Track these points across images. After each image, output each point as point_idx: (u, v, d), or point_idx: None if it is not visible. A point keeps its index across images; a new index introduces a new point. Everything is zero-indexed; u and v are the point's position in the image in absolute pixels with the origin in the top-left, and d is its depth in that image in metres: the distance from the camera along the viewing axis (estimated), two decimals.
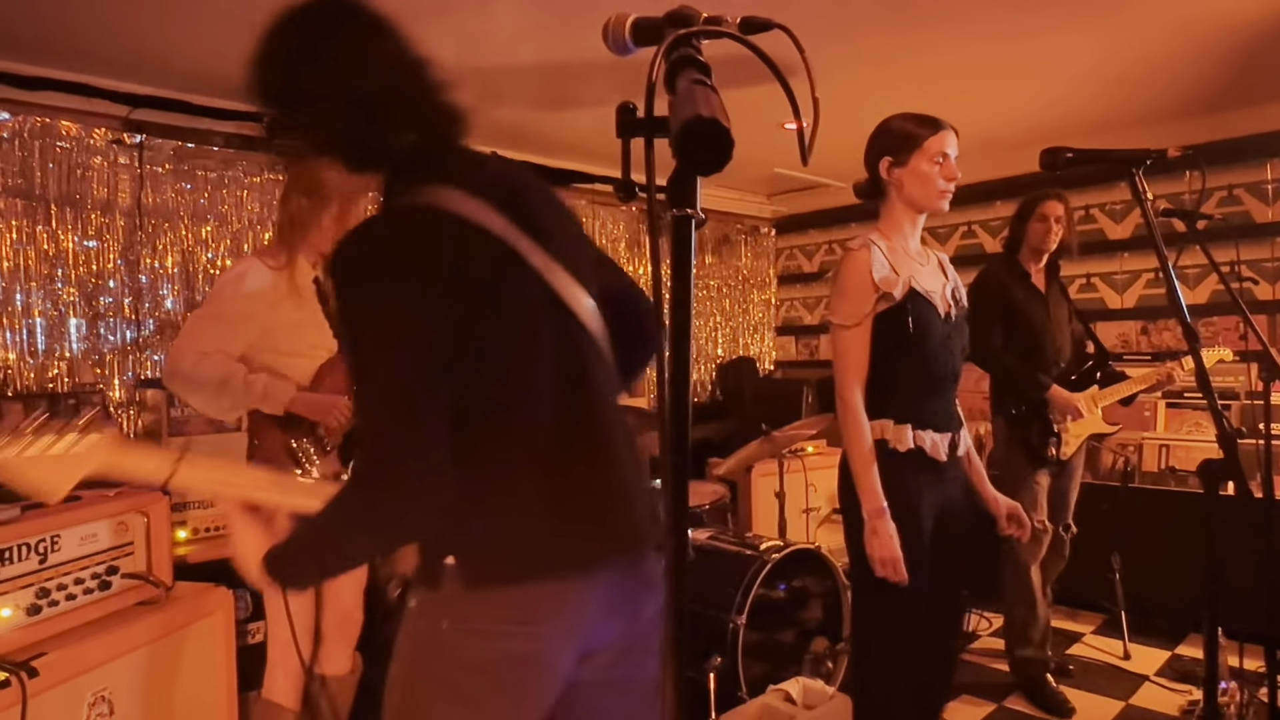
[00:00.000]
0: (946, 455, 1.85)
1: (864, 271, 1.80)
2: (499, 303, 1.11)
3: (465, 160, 1.22)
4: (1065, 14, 2.96)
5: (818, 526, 4.14)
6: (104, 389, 3.51)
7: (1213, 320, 4.33)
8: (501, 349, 1.12)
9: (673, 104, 0.63)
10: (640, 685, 1.24)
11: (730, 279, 6.35)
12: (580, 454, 1.18)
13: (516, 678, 1.12)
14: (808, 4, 2.83)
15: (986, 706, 3.01)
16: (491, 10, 2.83)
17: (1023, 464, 3.01)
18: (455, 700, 1.12)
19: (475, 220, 1.11)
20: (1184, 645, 3.55)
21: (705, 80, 0.64)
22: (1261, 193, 4.21)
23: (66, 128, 3.45)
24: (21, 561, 1.79)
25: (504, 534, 1.11)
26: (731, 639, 2.68)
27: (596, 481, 1.19)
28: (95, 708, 1.86)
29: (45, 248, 3.42)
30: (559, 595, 1.12)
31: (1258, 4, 2.88)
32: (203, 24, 2.89)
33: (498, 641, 1.10)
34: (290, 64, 1.12)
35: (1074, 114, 4.17)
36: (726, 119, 0.58)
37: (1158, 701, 3.02)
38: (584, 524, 1.16)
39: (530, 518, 1.12)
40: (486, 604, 1.10)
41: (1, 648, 1.72)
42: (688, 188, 0.60)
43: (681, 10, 0.72)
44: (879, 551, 1.74)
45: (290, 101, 1.14)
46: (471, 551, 1.10)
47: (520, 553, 1.11)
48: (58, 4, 2.73)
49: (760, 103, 2.14)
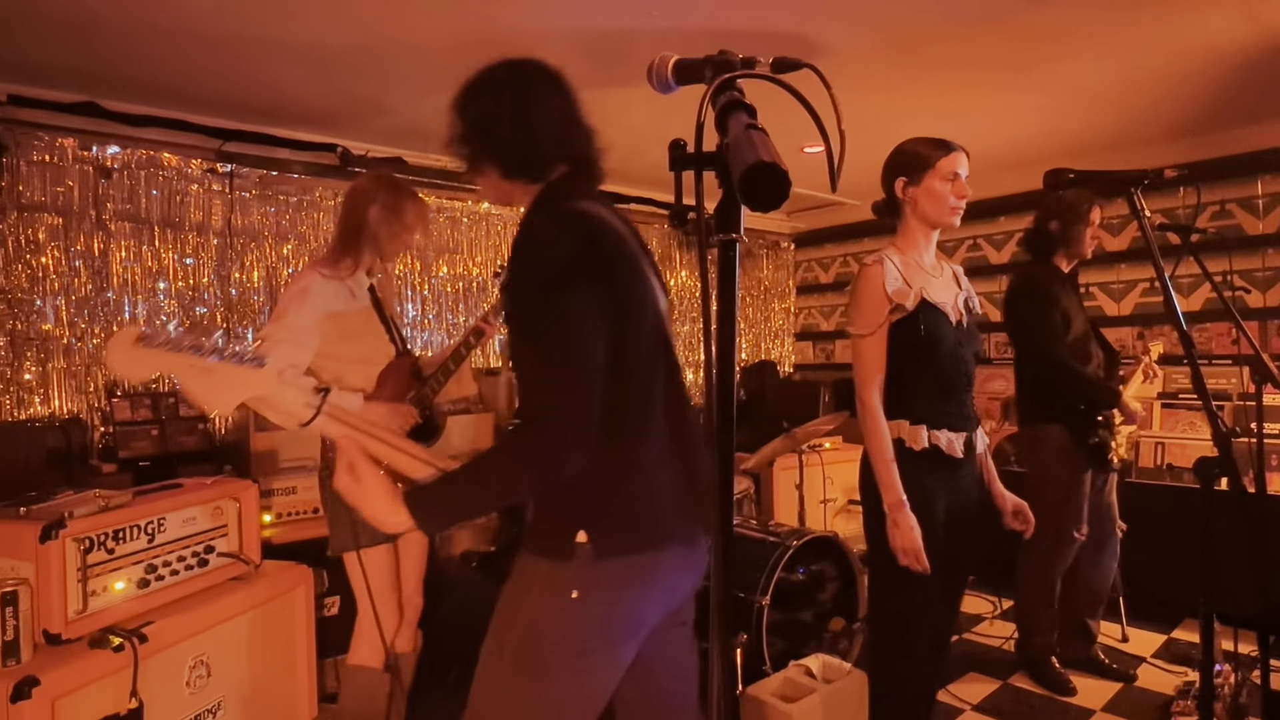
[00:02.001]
0: (963, 453, 1.82)
1: (878, 285, 1.79)
2: (634, 303, 1.22)
3: (599, 192, 1.36)
4: (1065, 45, 2.91)
5: (834, 516, 4.10)
6: None
7: (1206, 326, 4.22)
8: (635, 344, 1.21)
9: (730, 147, 0.64)
10: (689, 629, 1.39)
11: (753, 289, 6.33)
12: (680, 441, 1.27)
13: (621, 632, 1.22)
14: (830, 43, 2.82)
15: (993, 684, 2.96)
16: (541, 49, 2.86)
17: (1079, 469, 2.78)
18: (571, 653, 1.19)
19: (618, 228, 1.25)
20: (1179, 630, 3.46)
21: (756, 124, 0.65)
22: (1253, 207, 4.10)
23: (168, 159, 3.56)
24: (133, 541, 1.85)
25: (631, 511, 1.20)
26: (756, 618, 2.67)
27: (689, 465, 1.28)
28: (195, 670, 1.91)
29: (150, 264, 3.53)
30: (664, 563, 1.23)
31: (1247, 29, 2.81)
32: (283, 68, 2.97)
33: (615, 607, 1.19)
34: (495, 100, 1.29)
35: (1074, 135, 4.09)
36: (782, 162, 0.59)
37: (1155, 682, 2.94)
38: (685, 502, 1.25)
39: (650, 496, 1.21)
40: (610, 574, 1.18)
41: (116, 617, 1.78)
42: (733, 215, 0.61)
43: (721, 55, 0.73)
44: (901, 542, 1.72)
45: (482, 121, 1.29)
46: (603, 526, 1.17)
47: (643, 527, 1.20)
48: (160, 51, 2.82)
49: (781, 127, 2.13)
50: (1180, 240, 2.18)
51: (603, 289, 1.15)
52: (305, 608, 2.29)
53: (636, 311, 1.22)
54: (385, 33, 2.70)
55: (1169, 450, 3.93)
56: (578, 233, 1.18)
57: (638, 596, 1.20)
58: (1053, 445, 2.82)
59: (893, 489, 1.75)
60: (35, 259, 3.25)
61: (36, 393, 3.25)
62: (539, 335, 1.13)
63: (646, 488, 1.21)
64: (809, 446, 3.75)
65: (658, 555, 1.21)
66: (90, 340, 3.38)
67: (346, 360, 2.02)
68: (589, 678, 1.21)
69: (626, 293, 1.21)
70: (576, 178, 1.32)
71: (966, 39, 2.84)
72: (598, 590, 1.18)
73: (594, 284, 1.14)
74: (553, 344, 1.11)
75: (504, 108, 1.27)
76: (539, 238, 1.19)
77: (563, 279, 1.13)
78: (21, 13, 2.49)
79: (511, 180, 1.30)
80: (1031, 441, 2.94)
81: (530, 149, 1.27)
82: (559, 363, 1.11)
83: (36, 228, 3.25)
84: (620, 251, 1.23)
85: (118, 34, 2.66)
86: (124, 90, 3.20)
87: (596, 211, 1.23)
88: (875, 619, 1.91)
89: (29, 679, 1.53)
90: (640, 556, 1.19)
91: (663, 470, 1.23)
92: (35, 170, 3.24)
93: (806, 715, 2.37)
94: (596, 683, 1.23)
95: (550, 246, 1.16)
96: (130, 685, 1.69)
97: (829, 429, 3.74)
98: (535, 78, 1.31)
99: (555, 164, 1.30)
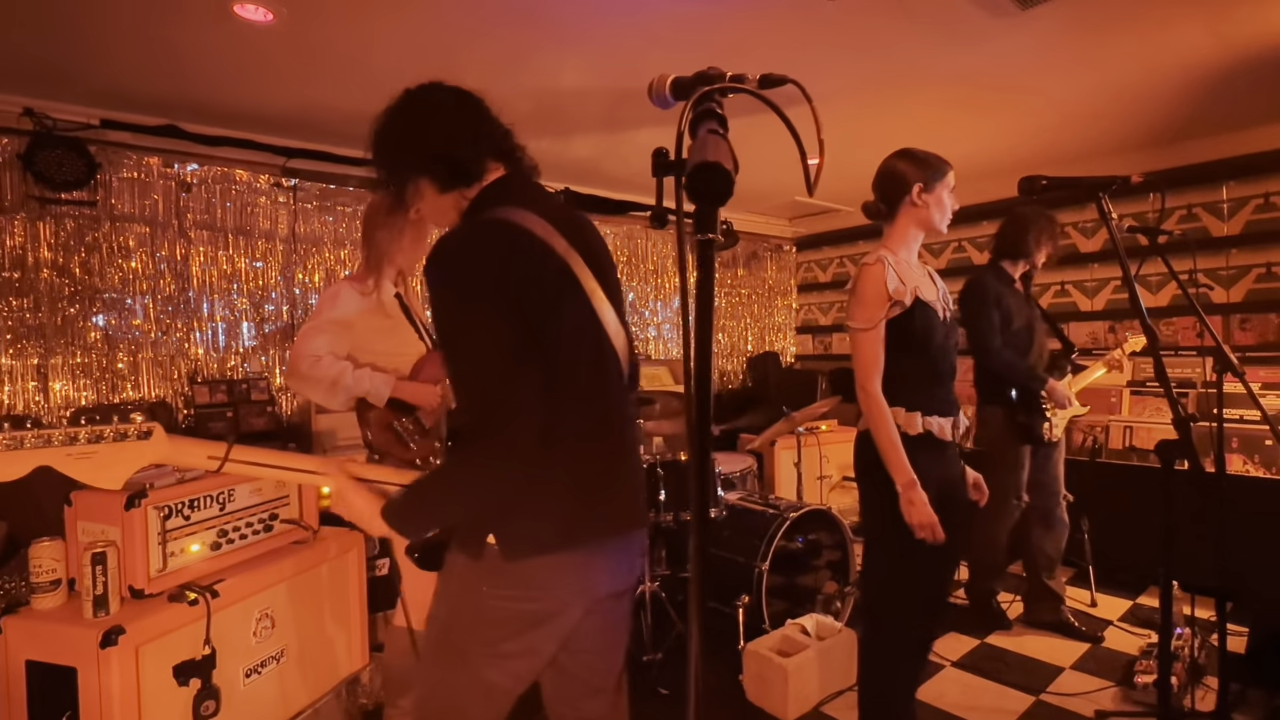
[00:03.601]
0: (950, 435, 1.78)
1: (879, 282, 1.72)
2: (557, 310, 1.10)
3: (538, 192, 1.22)
4: (1042, 65, 2.83)
5: (829, 491, 4.06)
6: (268, 376, 3.66)
7: (1173, 321, 4.10)
8: (556, 351, 1.09)
9: (690, 149, 0.62)
10: (622, 620, 1.29)
11: (758, 288, 6.27)
12: (601, 448, 1.17)
13: (530, 629, 1.15)
14: (824, 67, 2.77)
15: (972, 642, 2.92)
16: (562, 73, 2.85)
17: (1017, 445, 2.88)
18: (482, 643, 1.15)
19: (542, 235, 1.11)
20: (1144, 596, 3.39)
21: (719, 130, 0.62)
22: (1218, 210, 3.96)
23: (239, 174, 3.60)
24: (206, 509, 1.87)
25: (538, 517, 1.10)
26: (757, 582, 2.65)
27: (611, 472, 1.19)
28: (260, 622, 1.93)
29: (224, 268, 3.58)
30: (573, 564, 1.14)
31: (1212, 45, 2.70)
32: (341, 93, 2.98)
33: (520, 604, 1.13)
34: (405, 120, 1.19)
35: (1051, 146, 3.98)
36: (730, 163, 0.56)
37: (1120, 643, 2.88)
38: (600, 507, 1.15)
39: (562, 501, 1.11)
40: (515, 576, 1.11)
41: (192, 575, 1.80)
42: (710, 217, 0.59)
43: (710, 70, 0.71)
44: (917, 518, 1.65)
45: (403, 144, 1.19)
46: (511, 531, 1.10)
47: (549, 531, 1.11)
48: (233, 80, 2.84)
49: (784, 143, 2.09)
50: (1148, 242, 2.11)
51: (513, 302, 1.04)
52: (357, 569, 2.30)
53: (560, 321, 1.10)
54: (430, 61, 2.70)
55: (1136, 433, 3.83)
56: (491, 245, 1.07)
57: (545, 597, 1.12)
58: (995, 425, 2.93)
59: (904, 470, 1.68)
60: (126, 263, 3.31)
61: (128, 379, 3.32)
62: (459, 350, 1.05)
63: (562, 495, 1.11)
64: (807, 428, 3.70)
65: (573, 557, 1.12)
66: (174, 334, 3.44)
67: (379, 354, 2.02)
68: (506, 664, 1.16)
69: (546, 304, 1.08)
70: (510, 180, 1.20)
71: (950, 63, 2.76)
72: (505, 589, 1.11)
73: (504, 297, 1.03)
74: (478, 360, 1.03)
75: (418, 123, 1.18)
76: (450, 251, 1.07)
77: (476, 293, 1.03)
78: (112, 48, 2.52)
79: (446, 192, 1.19)
80: (981, 422, 3.02)
81: (453, 151, 1.16)
82: (497, 381, 1.01)
83: (126, 236, 3.30)
84: (543, 264, 1.10)
85: (194, 65, 2.69)
86: (201, 114, 3.24)
87: (520, 221, 1.10)
88: (870, 585, 1.87)
89: (116, 628, 1.56)
90: (547, 559, 1.10)
91: (588, 475, 1.14)
92: (125, 185, 3.30)
93: (801, 668, 2.36)
94: (514, 669, 1.17)
95: (461, 259, 1.06)
96: (204, 634, 1.72)
97: (824, 412, 3.70)
98: (438, 92, 1.21)
99: (484, 161, 1.19)
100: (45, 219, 3.10)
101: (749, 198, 5.26)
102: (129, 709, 1.57)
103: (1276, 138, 3.70)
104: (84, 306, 3.20)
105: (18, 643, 1.61)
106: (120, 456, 1.11)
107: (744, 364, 6.12)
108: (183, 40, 2.49)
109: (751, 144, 3.46)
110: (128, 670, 1.57)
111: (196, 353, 3.49)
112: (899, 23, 2.46)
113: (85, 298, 3.20)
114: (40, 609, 1.64)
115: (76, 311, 3.18)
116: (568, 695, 1.29)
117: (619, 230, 5.24)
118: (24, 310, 3.07)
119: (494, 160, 1.20)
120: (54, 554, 1.67)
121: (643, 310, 5.43)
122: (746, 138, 3.36)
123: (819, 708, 2.40)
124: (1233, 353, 2.15)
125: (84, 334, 3.21)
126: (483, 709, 1.19)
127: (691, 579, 0.65)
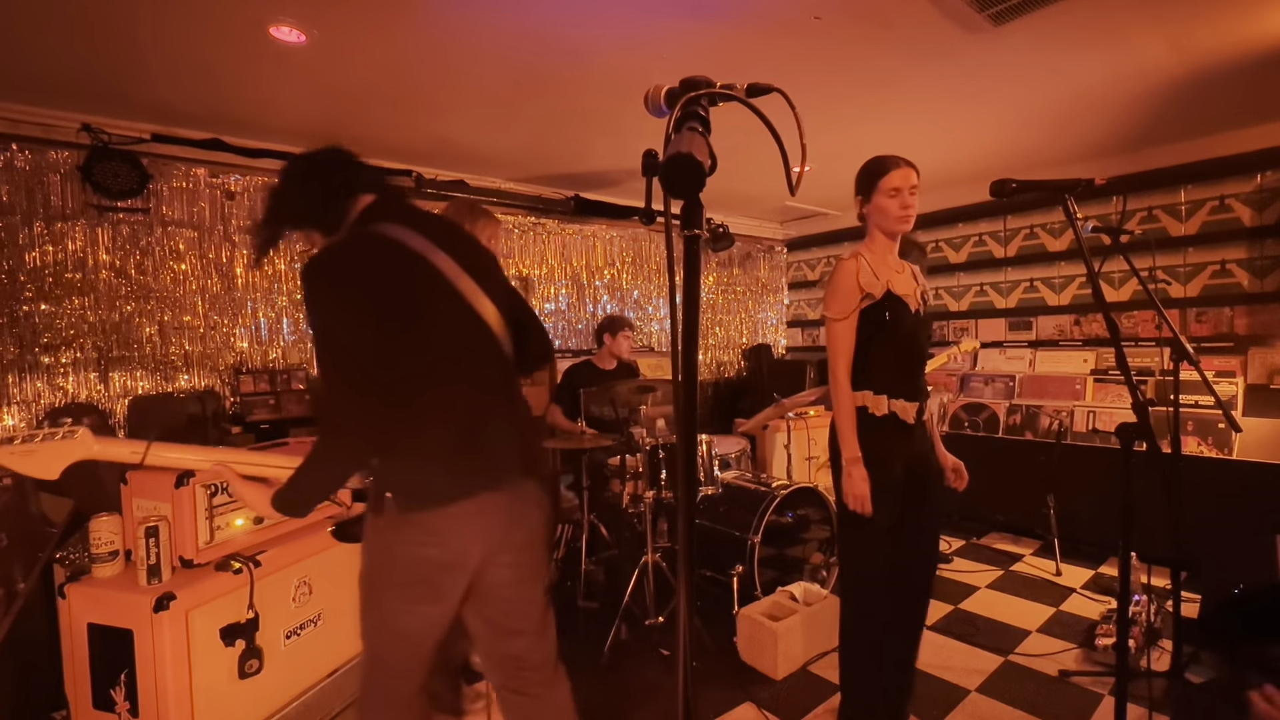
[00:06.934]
0: (914, 419, 1.77)
1: (852, 276, 1.73)
2: (425, 305, 1.19)
3: (411, 211, 1.29)
4: (1014, 77, 2.78)
5: (817, 470, 4.04)
6: (306, 367, 3.67)
7: (1133, 314, 4.05)
8: (426, 342, 1.18)
9: (669, 144, 0.59)
10: (532, 568, 1.33)
11: (752, 286, 6.23)
12: (478, 414, 1.23)
13: (432, 572, 1.21)
14: (811, 81, 2.73)
15: (946, 608, 2.91)
16: (583, 89, 2.82)
17: None
18: (395, 589, 1.22)
19: (408, 244, 1.20)
20: (1105, 566, 3.37)
21: (698, 128, 0.59)
22: (1176, 212, 3.90)
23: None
24: None
25: (423, 475, 1.19)
26: (750, 553, 2.65)
27: (489, 433, 1.24)
28: (299, 589, 1.93)
29: (266, 268, 3.58)
30: (465, 514, 1.20)
31: (1172, 57, 2.65)
32: (368, 109, 2.96)
33: (420, 548, 1.19)
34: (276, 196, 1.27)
35: (1022, 153, 3.92)
36: (705, 155, 0.53)
37: (1083, 609, 2.87)
38: (480, 463, 1.22)
39: (443, 462, 1.19)
40: (412, 525, 1.18)
41: (237, 546, 1.81)
42: (696, 214, 0.57)
43: (697, 78, 0.69)
44: (852, 490, 1.69)
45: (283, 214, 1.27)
46: (402, 488, 1.18)
47: (434, 487, 1.19)
48: (269, 97, 2.83)
49: (775, 153, 2.07)
50: (1111, 241, 2.08)
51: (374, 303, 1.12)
52: None
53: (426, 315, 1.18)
54: (453, 81, 2.67)
55: (1099, 417, 3.80)
56: (356, 256, 1.15)
57: (440, 543, 1.19)
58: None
59: (851, 446, 1.71)
60: (177, 265, 3.31)
61: (181, 371, 3.33)
62: (319, 346, 1.12)
63: (443, 457, 1.18)
64: (796, 414, 3.69)
65: (459, 508, 1.19)
66: (221, 329, 3.44)
67: None
68: (416, 609, 1.22)
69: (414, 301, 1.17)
70: (378, 204, 1.26)
71: (926, 71, 2.72)
72: (407, 535, 1.18)
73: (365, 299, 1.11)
74: (329, 357, 1.10)
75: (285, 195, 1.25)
76: (322, 261, 1.14)
77: (337, 299, 1.11)
78: (161, 68, 2.51)
79: (330, 234, 1.26)
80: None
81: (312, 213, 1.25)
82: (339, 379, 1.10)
83: (177, 240, 3.30)
84: (410, 268, 1.19)
85: (234, 83, 2.67)
86: (242, 129, 3.23)
87: (388, 234, 1.19)
88: (842, 556, 1.86)
89: (168, 594, 1.57)
90: (434, 511, 1.17)
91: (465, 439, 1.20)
92: (175, 194, 3.29)
93: (789, 631, 2.36)
94: (425, 614, 1.22)
95: (328, 269, 1.13)
96: (248, 600, 1.73)
97: (812, 400, 3.68)
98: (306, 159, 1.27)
99: (344, 203, 1.25)
100: (103, 225, 3.11)
101: (743, 202, 5.22)
102: (180, 667, 1.58)
103: (1231, 144, 3.64)
104: (139, 304, 3.21)
105: (80, 607, 1.62)
106: (55, 453, 1.24)
107: (740, 355, 6.10)
108: (224, 60, 2.47)
109: (745, 154, 3.43)
110: (179, 632, 1.58)
111: (241, 346, 3.50)
112: (879, 38, 2.42)
113: (140, 296, 3.21)
114: (100, 577, 1.65)
115: (133, 309, 3.19)
116: (493, 636, 1.35)
117: (624, 233, 5.20)
118: (85, 308, 3.08)
119: (361, 193, 1.27)
120: (112, 527, 1.68)
121: (646, 306, 5.41)
122: (741, 148, 3.34)
123: (805, 667, 2.40)
124: (1189, 343, 2.12)
125: (139, 329, 3.22)
126: (402, 656, 1.25)
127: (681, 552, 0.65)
